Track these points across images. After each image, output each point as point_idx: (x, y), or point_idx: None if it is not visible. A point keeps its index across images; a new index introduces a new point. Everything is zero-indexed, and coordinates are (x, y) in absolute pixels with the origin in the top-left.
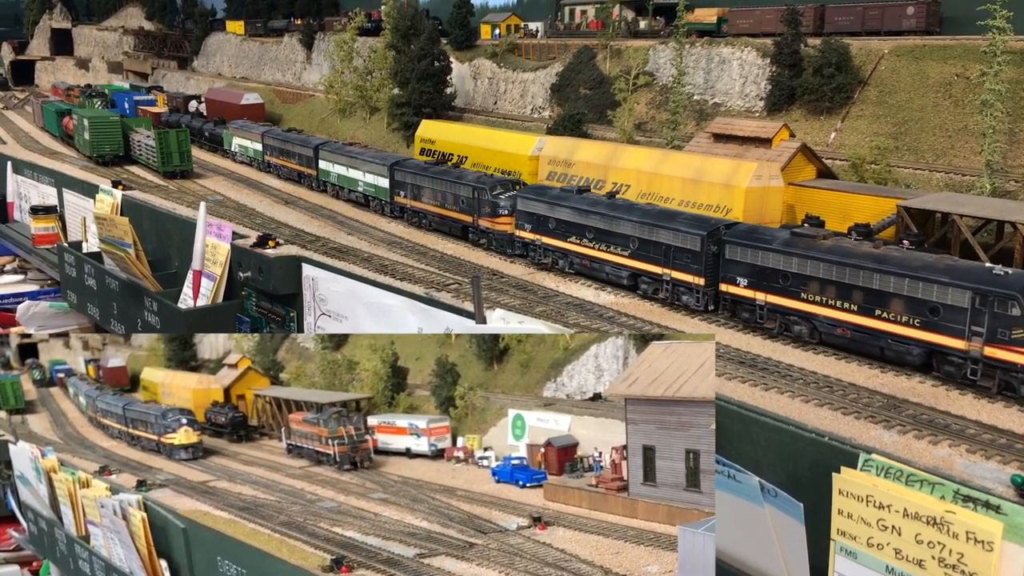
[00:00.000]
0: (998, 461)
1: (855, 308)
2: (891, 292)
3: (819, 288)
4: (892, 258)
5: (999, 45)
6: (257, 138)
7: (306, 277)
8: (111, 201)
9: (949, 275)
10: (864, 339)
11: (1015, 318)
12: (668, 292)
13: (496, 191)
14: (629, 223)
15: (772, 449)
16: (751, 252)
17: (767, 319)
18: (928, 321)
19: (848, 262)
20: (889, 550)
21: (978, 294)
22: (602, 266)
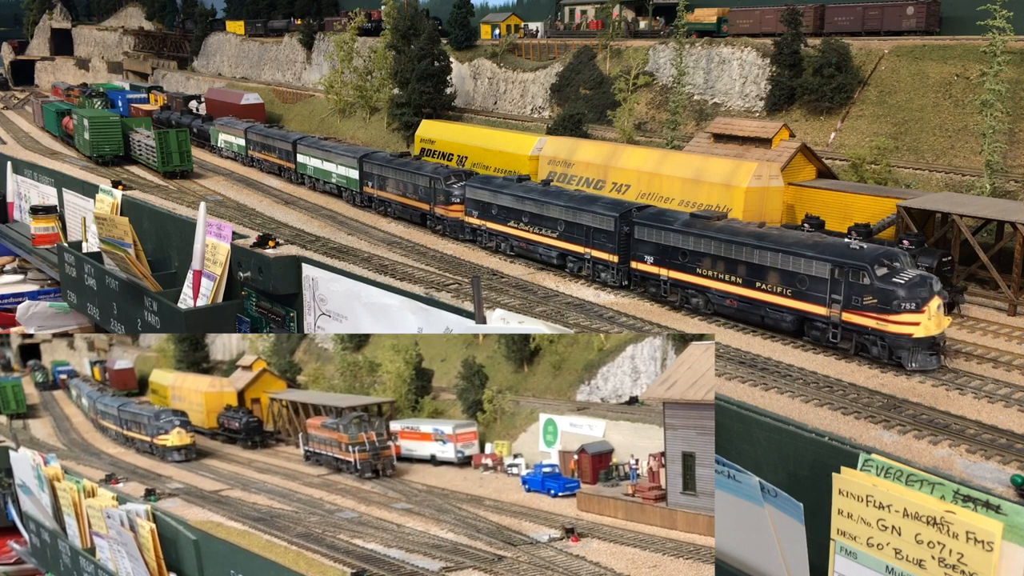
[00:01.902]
0: (998, 461)
1: (740, 281)
2: (768, 266)
3: (711, 264)
4: (770, 236)
5: (999, 45)
6: (241, 134)
7: (306, 277)
8: (111, 201)
9: (814, 250)
10: (748, 309)
11: (866, 287)
12: (589, 270)
13: (450, 181)
14: (557, 207)
15: (772, 449)
16: (656, 232)
17: (670, 293)
18: (798, 291)
19: (734, 240)
20: (889, 550)
21: (836, 266)
22: (536, 247)
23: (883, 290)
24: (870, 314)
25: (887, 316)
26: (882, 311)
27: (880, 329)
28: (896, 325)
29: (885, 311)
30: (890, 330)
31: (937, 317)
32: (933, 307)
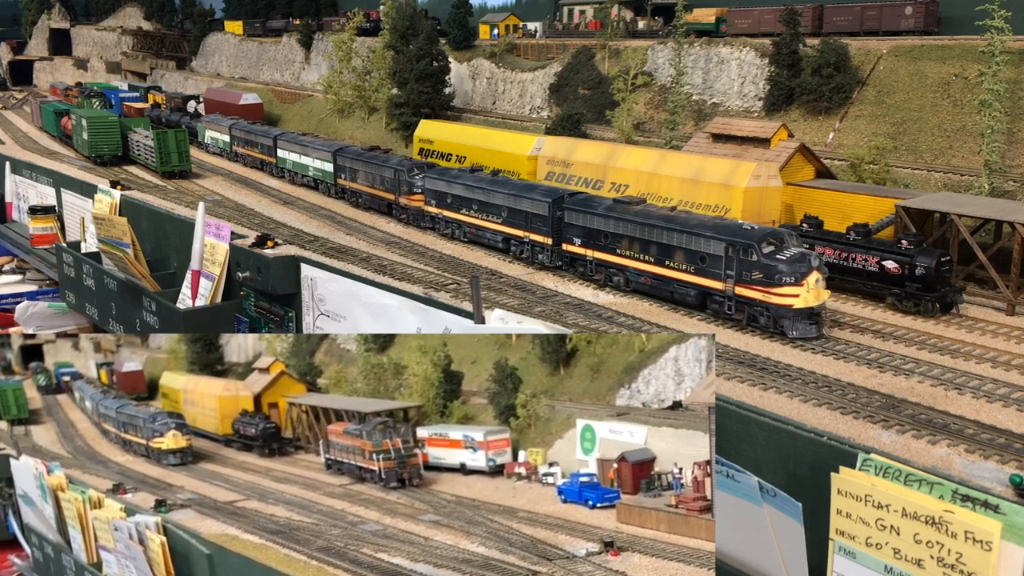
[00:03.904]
0: (996, 461)
1: (652, 260)
2: (675, 246)
3: (628, 245)
4: (678, 219)
5: (997, 45)
6: (225, 130)
7: (305, 277)
8: (109, 201)
9: (712, 230)
10: (659, 285)
11: (754, 263)
12: (529, 252)
13: (412, 173)
14: (501, 195)
15: (771, 449)
16: (583, 217)
17: (595, 272)
18: (699, 268)
19: (647, 223)
20: (888, 550)
21: (729, 244)
22: (484, 233)
23: (768, 266)
24: (757, 287)
25: (771, 289)
26: (767, 284)
27: (765, 301)
28: (778, 297)
29: (769, 284)
30: (773, 302)
31: (816, 290)
32: (812, 281)
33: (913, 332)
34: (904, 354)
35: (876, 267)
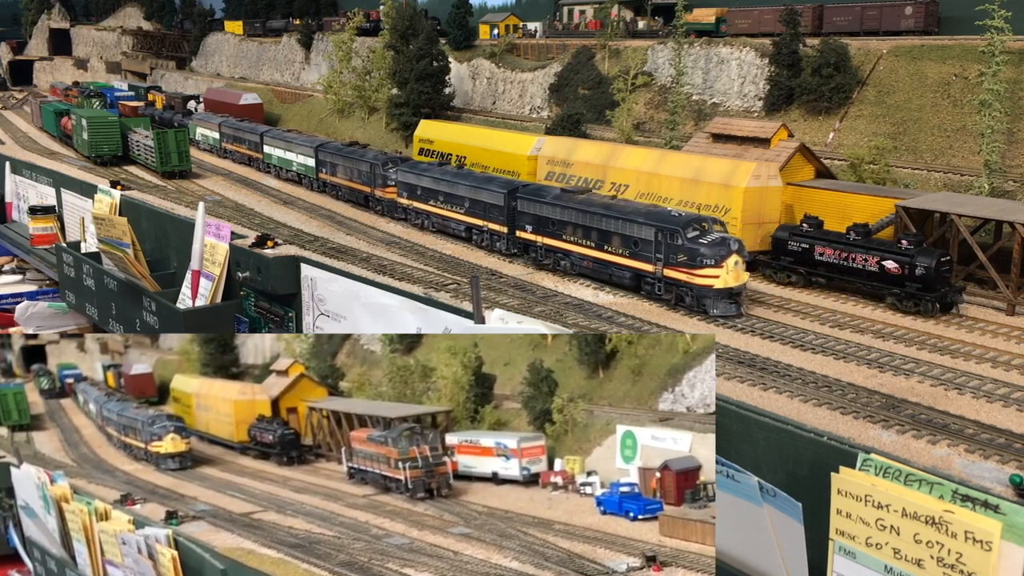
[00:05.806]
0: (997, 461)
1: (593, 245)
2: (612, 231)
3: (572, 231)
4: (616, 206)
5: (997, 45)
6: (215, 128)
7: (305, 277)
8: (109, 201)
9: (644, 217)
10: (599, 268)
11: (679, 246)
12: (487, 240)
13: (387, 166)
14: (464, 187)
15: (771, 449)
16: (534, 205)
17: (544, 257)
18: (634, 252)
19: (588, 210)
20: (888, 550)
21: (658, 229)
22: (449, 223)
23: (691, 249)
24: (682, 269)
25: (694, 271)
26: (690, 267)
27: (689, 282)
28: (700, 278)
29: (692, 266)
30: (696, 282)
31: (735, 272)
32: (731, 263)
33: (913, 332)
34: (904, 354)
35: (876, 267)
